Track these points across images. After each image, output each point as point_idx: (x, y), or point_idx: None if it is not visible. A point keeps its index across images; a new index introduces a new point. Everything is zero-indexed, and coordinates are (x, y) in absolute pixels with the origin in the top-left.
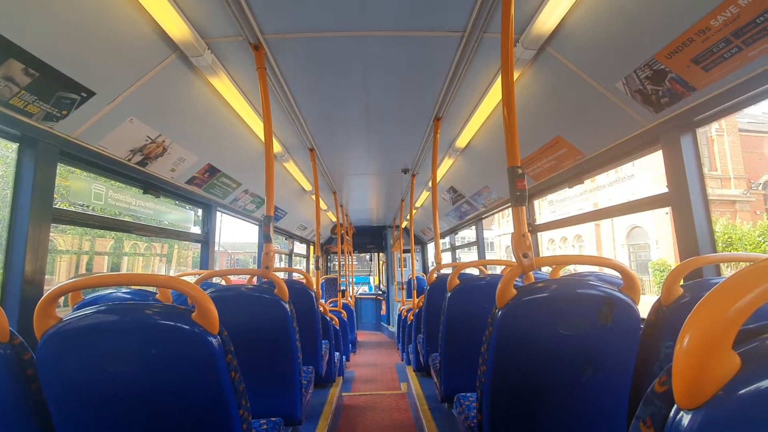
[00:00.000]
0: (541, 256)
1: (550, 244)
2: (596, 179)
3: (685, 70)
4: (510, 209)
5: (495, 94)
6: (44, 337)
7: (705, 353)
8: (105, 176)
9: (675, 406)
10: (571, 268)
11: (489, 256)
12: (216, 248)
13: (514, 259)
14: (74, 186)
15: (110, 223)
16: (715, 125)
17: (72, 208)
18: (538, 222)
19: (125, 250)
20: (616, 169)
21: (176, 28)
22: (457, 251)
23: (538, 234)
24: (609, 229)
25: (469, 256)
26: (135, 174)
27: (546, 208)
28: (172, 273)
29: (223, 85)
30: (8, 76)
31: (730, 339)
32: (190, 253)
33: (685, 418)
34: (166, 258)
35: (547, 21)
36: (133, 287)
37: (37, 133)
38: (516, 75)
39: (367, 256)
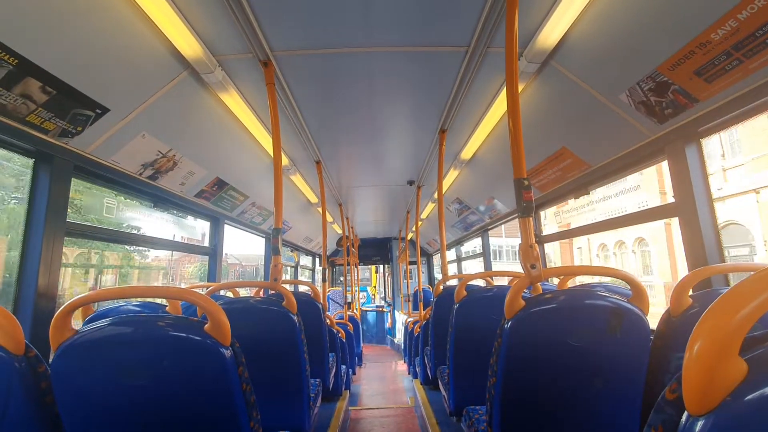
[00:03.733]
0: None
1: (600, 251)
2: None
3: (687, 82)
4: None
5: (499, 107)
6: (60, 349)
7: (713, 360)
8: (116, 190)
9: (685, 413)
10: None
11: (509, 266)
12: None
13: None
14: (85, 200)
15: (121, 236)
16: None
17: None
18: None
19: (135, 263)
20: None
21: (188, 45)
22: (469, 262)
23: (578, 241)
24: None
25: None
26: (145, 188)
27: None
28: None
29: (232, 100)
30: (26, 93)
31: (736, 346)
32: (189, 267)
33: (696, 424)
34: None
35: (550, 35)
36: (142, 299)
37: (52, 149)
38: (520, 88)
39: (367, 270)
